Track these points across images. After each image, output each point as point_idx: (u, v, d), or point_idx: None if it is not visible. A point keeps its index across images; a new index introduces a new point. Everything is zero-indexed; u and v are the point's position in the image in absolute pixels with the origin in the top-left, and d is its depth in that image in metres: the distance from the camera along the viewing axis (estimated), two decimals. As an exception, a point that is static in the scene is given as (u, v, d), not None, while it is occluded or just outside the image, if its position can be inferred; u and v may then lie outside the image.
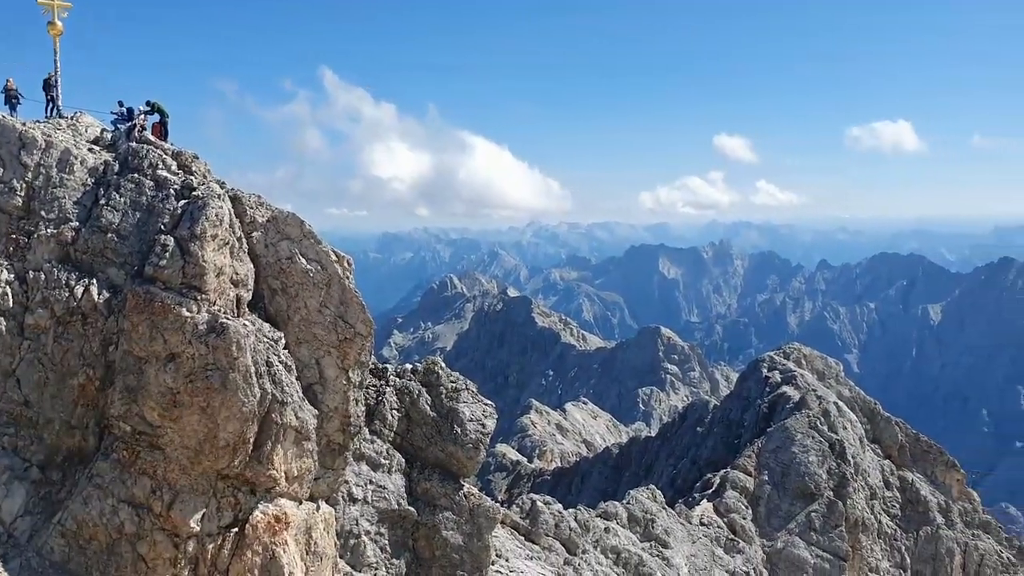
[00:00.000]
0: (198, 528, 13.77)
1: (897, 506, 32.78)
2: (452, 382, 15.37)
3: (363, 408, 13.47)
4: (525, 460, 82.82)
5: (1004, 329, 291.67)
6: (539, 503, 19.05)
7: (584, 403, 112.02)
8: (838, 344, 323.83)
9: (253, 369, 12.95)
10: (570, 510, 19.70)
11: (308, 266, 12.91)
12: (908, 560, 31.27)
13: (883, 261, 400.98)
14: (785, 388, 34.69)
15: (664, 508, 22.88)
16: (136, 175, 15.44)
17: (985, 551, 33.73)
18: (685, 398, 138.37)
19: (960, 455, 45.56)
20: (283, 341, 13.48)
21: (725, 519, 25.06)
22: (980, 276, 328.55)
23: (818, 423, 29.59)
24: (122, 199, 15.02)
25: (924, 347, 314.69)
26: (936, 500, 34.11)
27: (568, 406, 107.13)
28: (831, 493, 27.19)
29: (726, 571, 22.36)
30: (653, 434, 68.60)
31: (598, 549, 19.00)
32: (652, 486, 24.50)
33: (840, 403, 33.71)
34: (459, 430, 14.63)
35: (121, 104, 18.95)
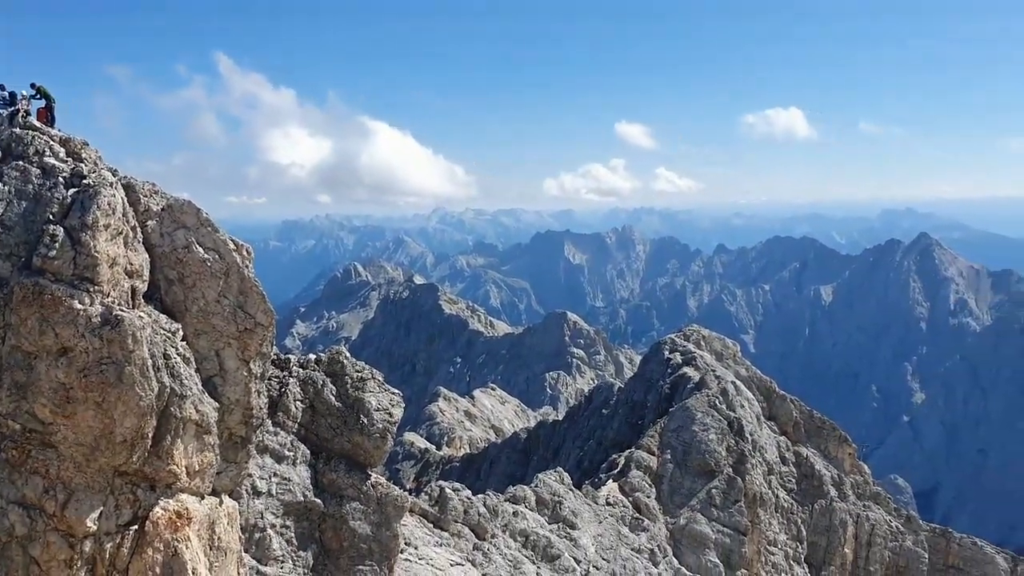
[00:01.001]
0: (95, 527, 13.32)
1: (793, 480, 34.00)
2: (357, 372, 15.22)
3: (266, 400, 13.24)
4: (433, 448, 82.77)
5: (891, 308, 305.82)
6: (448, 490, 19.09)
7: (492, 389, 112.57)
8: (735, 325, 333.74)
9: (150, 362, 12.57)
10: (479, 496, 19.80)
11: (206, 255, 12.57)
12: (804, 532, 32.52)
13: (777, 245, 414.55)
14: (686, 369, 35.56)
15: (571, 490, 23.21)
16: (21, 162, 14.70)
17: (876, 521, 35.29)
18: (591, 381, 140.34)
19: (851, 430, 47.65)
20: (181, 333, 13.12)
21: (630, 498, 25.60)
22: (868, 258, 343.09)
23: (717, 402, 30.46)
24: (6, 188, 14.30)
25: (816, 327, 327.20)
26: (830, 474, 35.50)
27: (476, 393, 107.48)
28: (730, 470, 28.05)
29: (631, 549, 22.85)
30: (560, 418, 69.45)
31: (507, 533, 19.16)
32: (559, 469, 24.83)
33: (738, 382, 34.73)
34: (365, 420, 14.51)
35: (2, 88, 17.95)
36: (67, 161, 15.04)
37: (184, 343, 13.06)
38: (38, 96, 18.31)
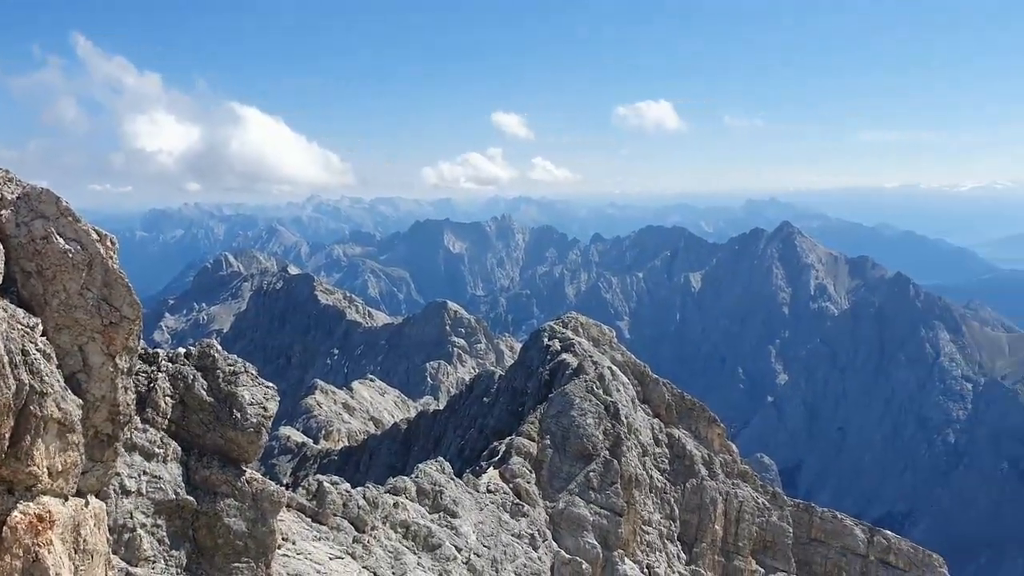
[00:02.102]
0: (-55, 537, 12.53)
1: (666, 461, 35.05)
2: (230, 365, 14.80)
3: (133, 396, 12.69)
4: (311, 441, 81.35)
5: (756, 294, 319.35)
6: (326, 484, 18.83)
7: (371, 380, 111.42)
8: (611, 312, 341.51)
9: (7, 359, 11.86)
10: (358, 488, 19.61)
11: (66, 246, 11.95)
12: (677, 511, 33.58)
13: (649, 234, 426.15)
14: (564, 355, 36.08)
15: (452, 479, 23.27)
16: None
17: (744, 498, 36.70)
18: (472, 370, 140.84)
19: (720, 410, 49.51)
20: (40, 328, 12.43)
21: (510, 484, 25.86)
22: (734, 246, 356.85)
23: (594, 387, 31.10)
24: None
25: (686, 312, 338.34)
26: (700, 454, 36.71)
27: (355, 384, 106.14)
28: (607, 453, 28.71)
29: (512, 535, 23.11)
30: (441, 407, 69.48)
31: (387, 524, 19.06)
32: (440, 458, 24.87)
33: (614, 367, 35.52)
34: (239, 415, 14.14)
35: None
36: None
37: (44, 338, 12.39)
38: None
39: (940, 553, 42.39)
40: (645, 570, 28.99)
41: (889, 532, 41.91)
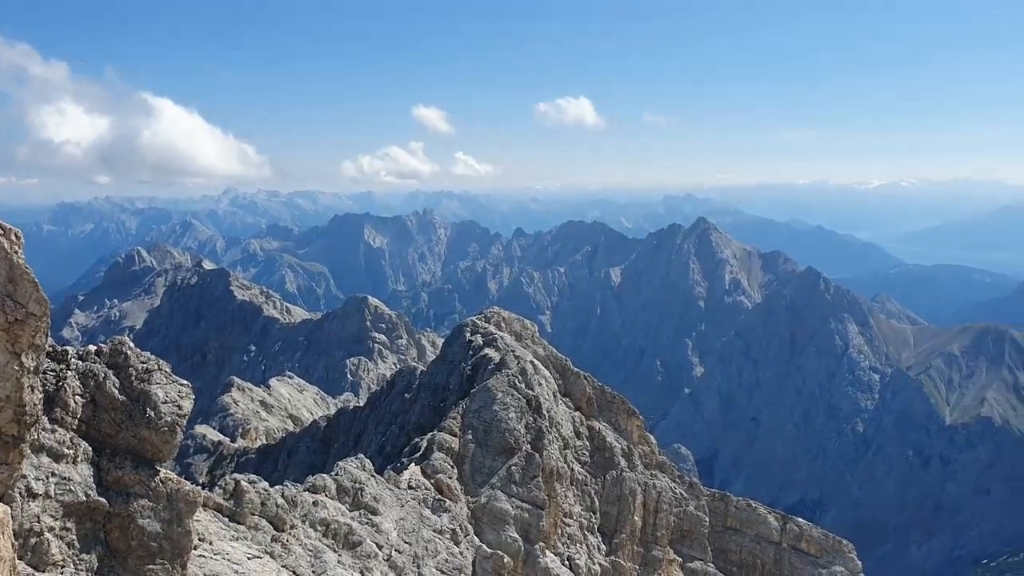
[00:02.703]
0: None
1: (587, 453, 35.42)
2: (142, 363, 14.39)
3: (41, 395, 12.25)
4: (228, 440, 79.70)
5: (673, 288, 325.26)
6: (243, 483, 18.47)
7: (290, 377, 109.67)
8: (533, 306, 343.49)
9: (-100, 359, 11.31)
10: (276, 487, 19.31)
11: (-34, 240, 11.45)
12: (597, 503, 33.97)
13: (570, 229, 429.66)
14: (487, 350, 36.14)
15: (373, 476, 23.10)
16: None
17: (662, 488, 37.33)
18: (393, 366, 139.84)
19: (639, 402, 50.38)
20: (-63, 326, 11.89)
21: (432, 480, 25.80)
22: (652, 241, 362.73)
23: (516, 381, 31.23)
24: None
25: (607, 306, 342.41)
26: (620, 446, 37.20)
27: (272, 381, 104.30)
28: (529, 446, 28.87)
29: (434, 530, 23.07)
30: (362, 404, 68.82)
31: (307, 523, 18.81)
32: (361, 455, 24.64)
33: (536, 361, 35.72)
34: (152, 413, 13.76)
35: None
36: None
37: (-58, 337, 11.85)
38: None
39: (849, 538, 43.91)
40: (566, 562, 29.28)
41: (801, 519, 43.20)
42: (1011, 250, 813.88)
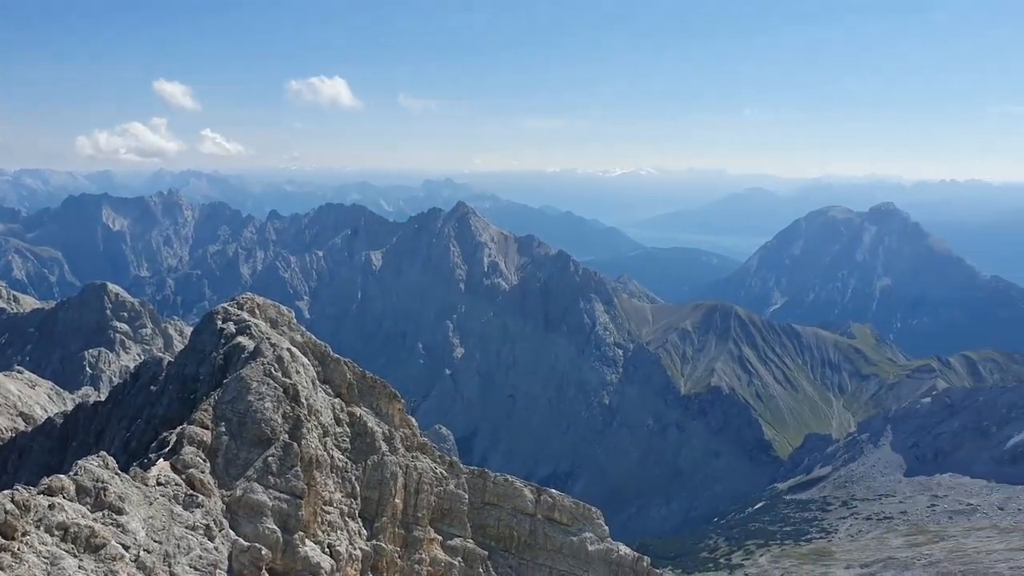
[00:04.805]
0: None
1: (347, 440, 35.32)
2: None
3: None
4: (-57, 444, 71.46)
5: (434, 271, 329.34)
6: (-35, 490, 16.86)
7: (19, 372, 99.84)
8: (290, 292, 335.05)
9: None
10: (6, 492, 17.74)
11: None
12: (358, 488, 34.01)
13: (329, 212, 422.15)
14: (240, 338, 34.98)
15: (117, 474, 21.79)
16: None
17: (423, 470, 37.99)
18: (138, 357, 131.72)
19: (401, 385, 50.81)
20: None
21: (183, 475, 24.73)
22: (413, 225, 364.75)
23: (272, 370, 30.52)
24: None
25: (368, 290, 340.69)
26: (381, 430, 37.39)
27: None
28: (286, 436, 28.38)
29: (186, 527, 22.17)
30: (103, 398, 64.16)
31: (42, 528, 17.48)
32: (103, 453, 23.09)
33: (293, 349, 35.04)
34: None
35: None
36: None
37: None
38: None
39: (598, 505, 46.93)
40: (327, 550, 29.13)
41: (554, 491, 45.58)
42: (735, 235, 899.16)
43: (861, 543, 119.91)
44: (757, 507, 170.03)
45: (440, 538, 38.29)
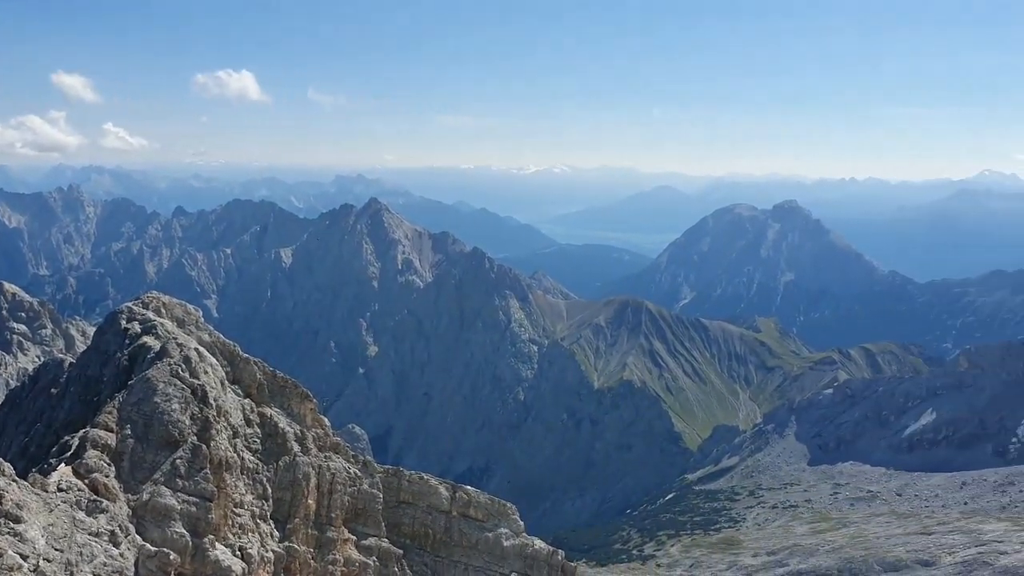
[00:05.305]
0: None
1: (258, 441, 34.73)
2: None
3: None
4: None
5: (346, 268, 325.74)
6: None
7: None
8: (197, 290, 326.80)
9: None
10: None
11: None
12: (270, 490, 33.49)
13: (237, 208, 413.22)
14: (145, 338, 34.02)
15: (14, 480, 20.97)
16: None
17: (336, 470, 37.61)
18: (37, 359, 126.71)
19: (313, 385, 50.23)
20: None
21: (86, 480, 23.97)
22: (325, 222, 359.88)
23: (180, 370, 29.79)
24: None
25: (278, 288, 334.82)
26: (293, 430, 36.85)
27: None
28: (195, 438, 27.76)
29: (89, 533, 21.52)
30: (-3, 402, 61.56)
31: (-68, 540, 16.79)
32: (0, 459, 22.25)
33: (201, 349, 34.26)
34: None
35: None
36: None
37: None
38: None
39: (513, 501, 47.25)
40: (238, 553, 28.62)
41: (469, 487, 45.71)
42: (646, 232, 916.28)
43: (768, 531, 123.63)
44: (668, 498, 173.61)
45: (354, 538, 38.02)
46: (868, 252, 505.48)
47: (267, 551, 30.93)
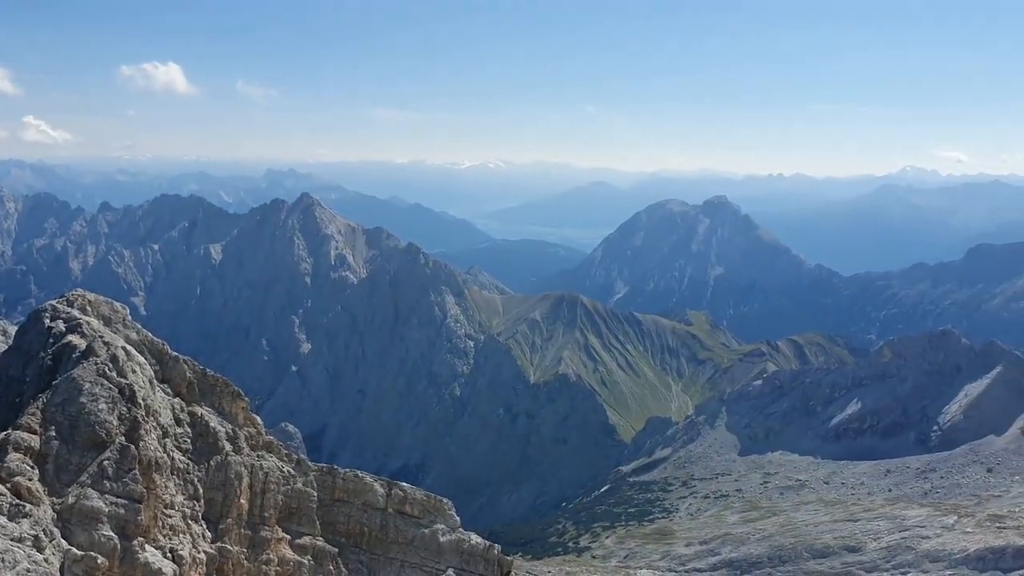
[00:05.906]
0: None
1: (189, 441, 34.12)
2: None
3: None
4: None
5: (278, 264, 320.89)
6: None
7: None
8: (124, 287, 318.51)
9: None
10: None
11: None
12: (201, 490, 32.94)
13: (165, 203, 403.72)
14: (70, 337, 33.08)
15: (-69, 486, 20.36)
16: None
17: (269, 469, 37.15)
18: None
19: (244, 383, 49.44)
20: None
21: (8, 484, 23.28)
22: (256, 217, 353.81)
23: (106, 370, 29.09)
24: None
25: (208, 285, 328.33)
26: (224, 430, 36.27)
27: None
28: (123, 438, 27.16)
29: (11, 539, 20.92)
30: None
31: None
32: (-86, 465, 21.49)
33: (129, 347, 33.48)
34: None
35: None
36: None
37: None
38: None
39: (449, 496, 47.22)
40: (168, 554, 28.12)
41: (405, 484, 45.53)
42: (580, 226, 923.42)
43: (700, 521, 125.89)
44: (603, 490, 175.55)
45: (288, 537, 37.64)
46: (795, 246, 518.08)
47: (199, 552, 30.45)
